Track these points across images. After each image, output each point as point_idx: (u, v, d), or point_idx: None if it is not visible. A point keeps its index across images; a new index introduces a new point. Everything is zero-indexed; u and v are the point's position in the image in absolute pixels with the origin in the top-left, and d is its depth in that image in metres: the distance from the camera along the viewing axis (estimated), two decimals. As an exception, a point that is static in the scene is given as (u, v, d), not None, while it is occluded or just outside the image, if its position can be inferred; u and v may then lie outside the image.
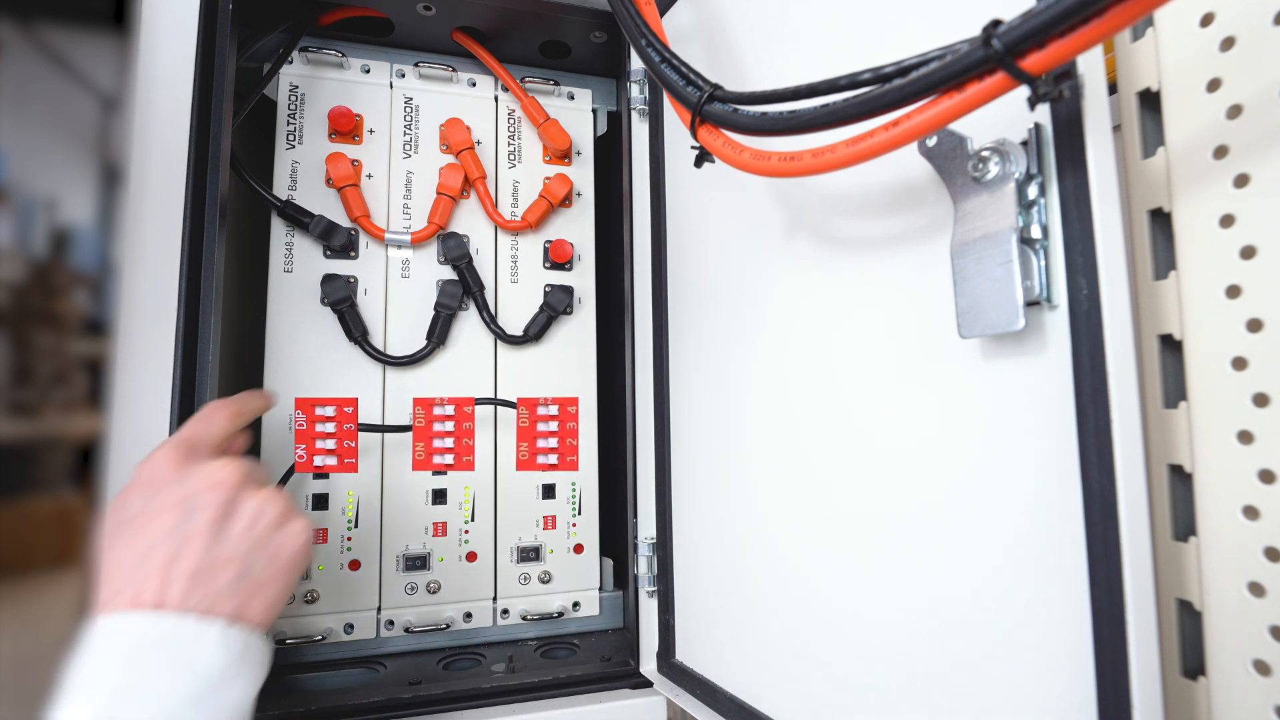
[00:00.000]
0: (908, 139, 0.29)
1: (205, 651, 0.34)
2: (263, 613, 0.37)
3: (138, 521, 0.36)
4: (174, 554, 0.35)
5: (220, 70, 0.51)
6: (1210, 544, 0.33)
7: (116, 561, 0.35)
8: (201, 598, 0.35)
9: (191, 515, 0.36)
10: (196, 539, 0.36)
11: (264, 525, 0.38)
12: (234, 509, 0.37)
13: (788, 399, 0.46)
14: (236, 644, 0.35)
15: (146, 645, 0.33)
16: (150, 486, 0.37)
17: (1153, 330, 0.36)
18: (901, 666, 0.37)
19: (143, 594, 0.34)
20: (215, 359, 0.49)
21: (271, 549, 0.38)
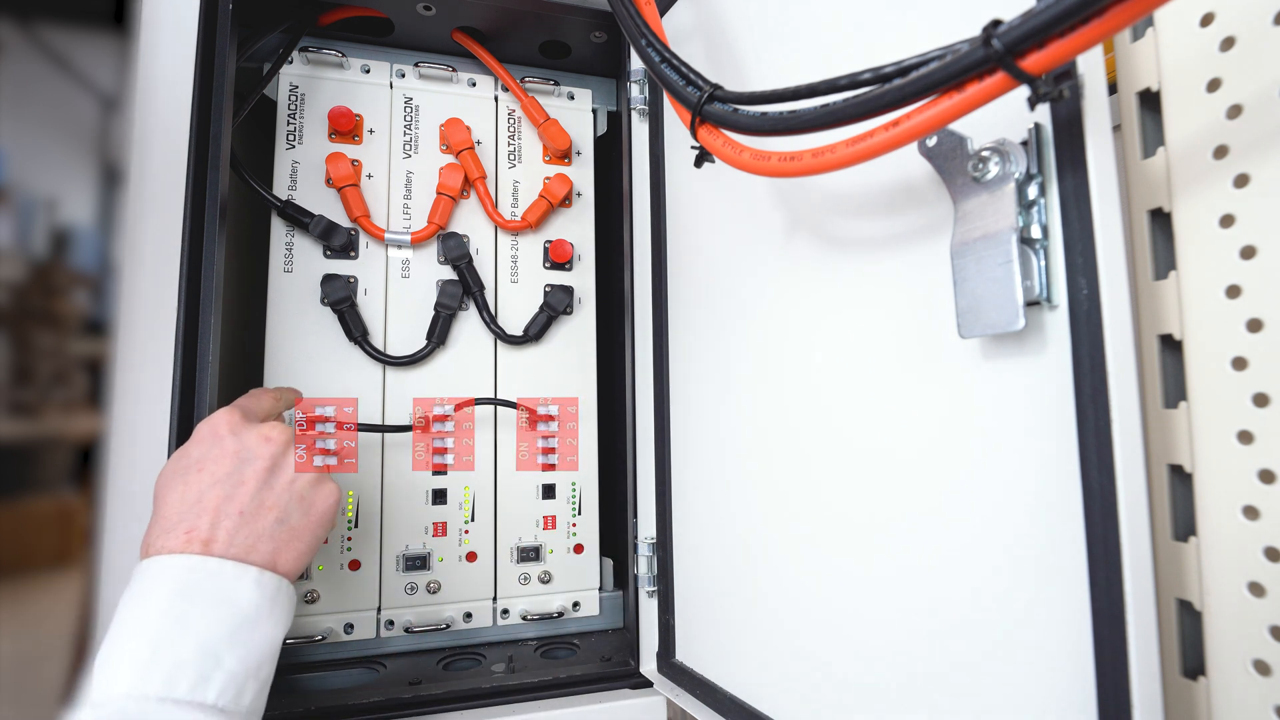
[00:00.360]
0: (908, 139, 0.29)
1: (243, 591, 0.38)
2: (293, 561, 0.41)
3: (196, 467, 0.40)
4: (228, 495, 0.40)
5: (220, 70, 0.51)
6: (1210, 544, 0.33)
7: (173, 502, 0.39)
8: (246, 536, 0.39)
9: (246, 463, 0.41)
10: (248, 483, 0.40)
11: (303, 481, 0.43)
12: (281, 463, 0.42)
13: (787, 398, 0.46)
14: (269, 587, 0.39)
15: (193, 582, 0.37)
16: (212, 437, 0.42)
17: (1153, 330, 0.36)
18: (901, 665, 0.37)
19: (196, 529, 0.38)
20: (215, 359, 0.49)
21: (307, 502, 0.42)
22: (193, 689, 0.34)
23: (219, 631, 0.36)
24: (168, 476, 0.41)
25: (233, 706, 0.36)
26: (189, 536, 0.38)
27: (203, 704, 0.34)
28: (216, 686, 0.35)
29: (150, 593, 0.36)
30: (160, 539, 0.38)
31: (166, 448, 0.46)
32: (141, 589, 0.37)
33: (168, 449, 0.46)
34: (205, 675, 0.35)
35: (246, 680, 0.37)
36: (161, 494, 0.40)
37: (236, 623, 0.37)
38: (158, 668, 0.34)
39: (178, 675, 0.34)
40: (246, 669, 0.37)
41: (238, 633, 0.37)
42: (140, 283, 0.48)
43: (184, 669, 0.34)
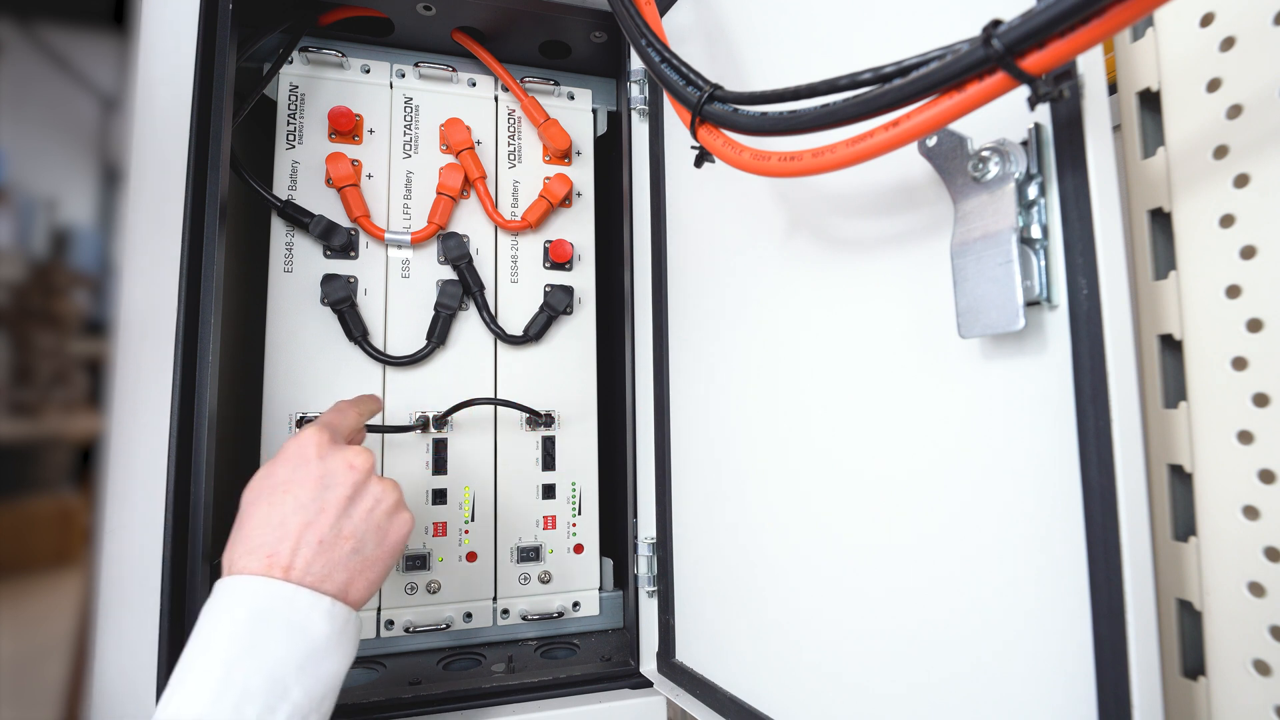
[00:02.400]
0: (908, 139, 0.29)
1: (315, 622, 0.38)
2: (363, 590, 0.41)
3: (281, 489, 0.41)
4: (309, 522, 0.40)
5: (220, 70, 0.51)
6: (1210, 544, 0.33)
7: (257, 521, 0.40)
8: (322, 564, 0.39)
9: (328, 490, 0.41)
10: (330, 511, 0.41)
11: (381, 511, 0.43)
12: (362, 491, 0.42)
13: (787, 397, 0.46)
14: (339, 619, 0.39)
15: (270, 608, 0.37)
16: (299, 459, 0.42)
17: (1153, 330, 0.36)
18: (901, 662, 0.37)
19: (277, 554, 0.39)
20: (215, 359, 0.49)
21: (382, 532, 0.42)
22: (259, 717, 0.35)
23: (290, 661, 0.37)
24: (254, 494, 0.41)
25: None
26: (270, 561, 0.39)
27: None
28: (282, 717, 0.36)
29: (227, 614, 0.37)
30: (243, 558, 0.39)
31: (166, 448, 0.46)
32: (220, 608, 0.37)
33: (168, 449, 0.46)
34: (272, 706, 0.35)
35: (310, 713, 0.37)
36: (247, 510, 0.41)
37: (306, 653, 0.37)
38: (229, 693, 0.35)
39: (246, 702, 0.35)
40: (311, 701, 0.37)
41: (306, 663, 0.37)
42: (140, 283, 0.48)
43: (252, 699, 0.35)
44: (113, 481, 0.46)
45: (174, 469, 0.46)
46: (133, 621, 0.45)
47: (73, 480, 1.48)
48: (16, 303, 1.45)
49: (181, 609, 0.46)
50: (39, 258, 1.53)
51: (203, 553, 0.47)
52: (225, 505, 0.46)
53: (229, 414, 0.60)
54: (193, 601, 0.47)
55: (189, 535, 0.47)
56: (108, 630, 0.45)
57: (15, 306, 1.45)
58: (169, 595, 0.45)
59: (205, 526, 0.47)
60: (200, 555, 0.47)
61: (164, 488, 0.46)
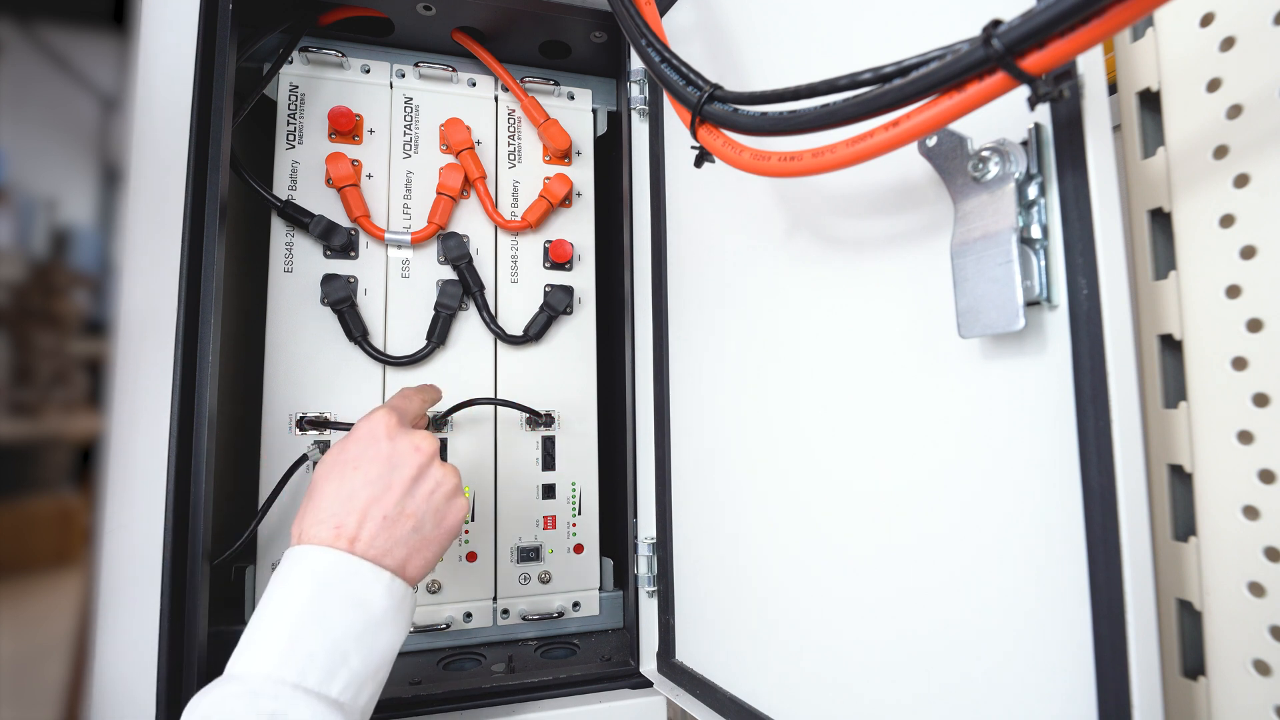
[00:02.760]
0: (908, 139, 0.29)
1: (376, 595, 0.40)
2: (420, 568, 0.43)
3: (351, 465, 0.43)
4: (375, 497, 0.42)
5: (220, 70, 0.51)
6: (1210, 544, 0.33)
7: (328, 494, 0.42)
8: (385, 539, 0.41)
9: (396, 469, 0.43)
10: (395, 489, 0.42)
11: (442, 493, 0.44)
12: (425, 473, 0.44)
13: (786, 399, 0.46)
14: (398, 594, 0.41)
15: (335, 578, 0.39)
16: (370, 438, 0.44)
17: (1153, 330, 0.36)
18: (901, 661, 0.37)
19: (344, 525, 0.41)
20: (215, 359, 0.49)
21: (440, 514, 0.44)
22: (321, 682, 0.37)
23: (350, 630, 0.38)
24: (327, 466, 0.43)
25: (351, 704, 0.38)
26: (338, 531, 0.40)
27: (327, 697, 0.37)
28: (340, 682, 0.37)
29: (296, 581, 0.39)
30: (313, 528, 0.41)
31: (166, 448, 0.46)
32: (289, 575, 0.39)
33: (168, 449, 0.46)
34: (332, 671, 0.37)
35: (366, 680, 0.39)
36: (319, 483, 0.43)
37: (365, 624, 0.39)
38: (294, 656, 0.37)
39: (309, 667, 0.37)
40: (368, 669, 0.39)
41: (364, 634, 0.39)
42: (140, 283, 0.48)
43: (315, 661, 0.37)
44: (113, 481, 0.46)
45: (174, 469, 0.46)
46: (133, 621, 0.45)
47: (73, 480, 1.48)
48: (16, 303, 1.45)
49: (181, 609, 0.46)
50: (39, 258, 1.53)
51: (203, 553, 0.47)
52: (225, 505, 0.46)
53: (229, 414, 0.60)
54: (193, 601, 0.47)
55: (189, 535, 0.47)
56: (108, 630, 0.45)
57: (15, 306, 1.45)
58: (169, 595, 0.45)
59: (205, 526, 0.47)
60: (200, 555, 0.47)
61: (164, 488, 0.46)
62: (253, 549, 0.58)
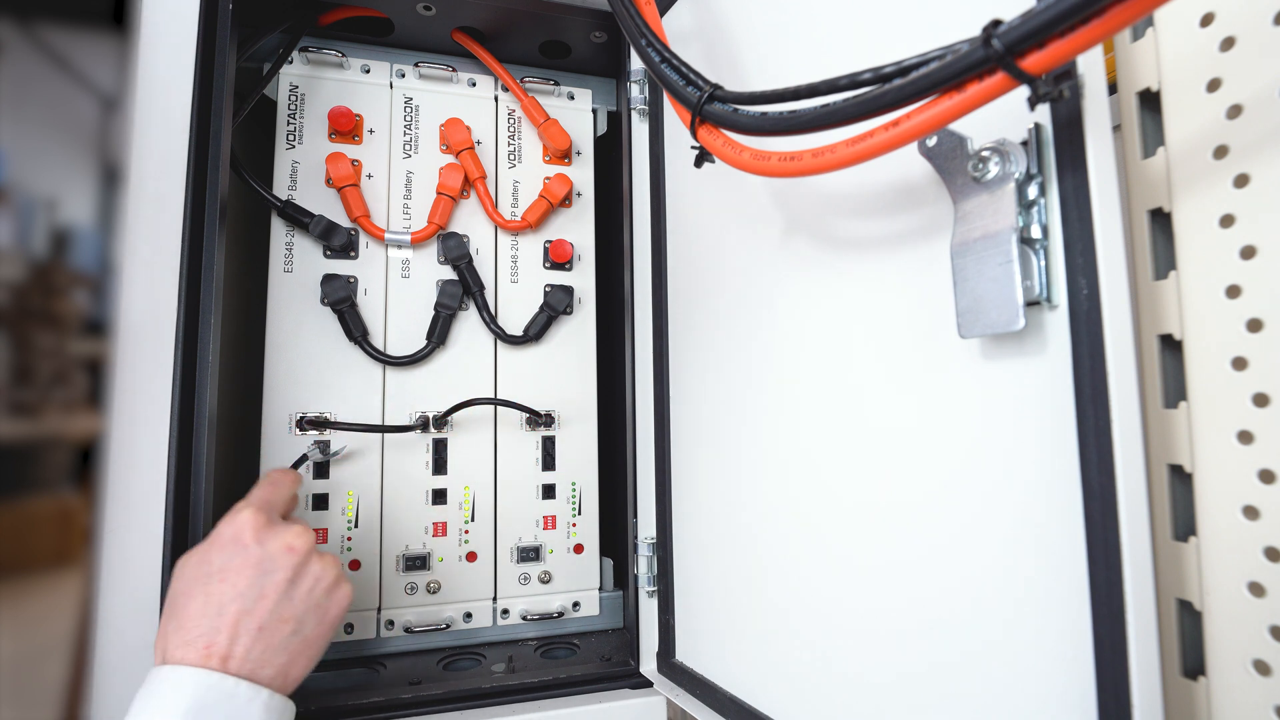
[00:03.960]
0: (908, 139, 0.29)
1: (254, 714, 0.38)
2: (302, 669, 0.42)
3: (217, 577, 0.40)
4: (247, 610, 0.40)
5: (220, 70, 0.51)
6: (1210, 544, 0.33)
7: (194, 612, 0.40)
8: (261, 651, 0.40)
9: (268, 575, 0.41)
10: (269, 596, 0.41)
11: (322, 588, 0.43)
12: (303, 572, 0.42)
13: (786, 398, 0.46)
14: (276, 711, 0.39)
15: (209, 702, 0.37)
16: (235, 544, 0.42)
17: (1153, 330, 0.36)
18: (902, 664, 0.37)
19: (215, 644, 0.39)
20: (215, 359, 0.49)
21: (322, 610, 0.43)
22: None
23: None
24: (188, 582, 0.41)
25: None
26: (208, 651, 0.38)
27: None
28: None
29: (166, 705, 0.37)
30: (179, 650, 0.39)
31: (166, 448, 0.46)
32: (157, 699, 0.37)
33: (168, 449, 0.46)
34: None
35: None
36: (181, 599, 0.40)
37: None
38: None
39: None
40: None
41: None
42: (140, 283, 0.48)
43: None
44: (113, 481, 0.46)
45: (174, 469, 0.46)
46: (133, 621, 0.45)
47: (73, 480, 1.48)
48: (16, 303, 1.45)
49: (181, 609, 0.46)
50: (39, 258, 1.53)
51: (203, 553, 0.47)
52: (225, 505, 0.46)
53: (229, 414, 0.60)
54: (193, 601, 0.47)
55: (189, 535, 0.47)
56: (108, 630, 0.45)
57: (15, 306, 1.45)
58: (169, 595, 0.45)
59: (205, 527, 0.47)
60: (200, 555, 0.47)
61: (164, 488, 0.46)
62: (253, 549, 0.58)
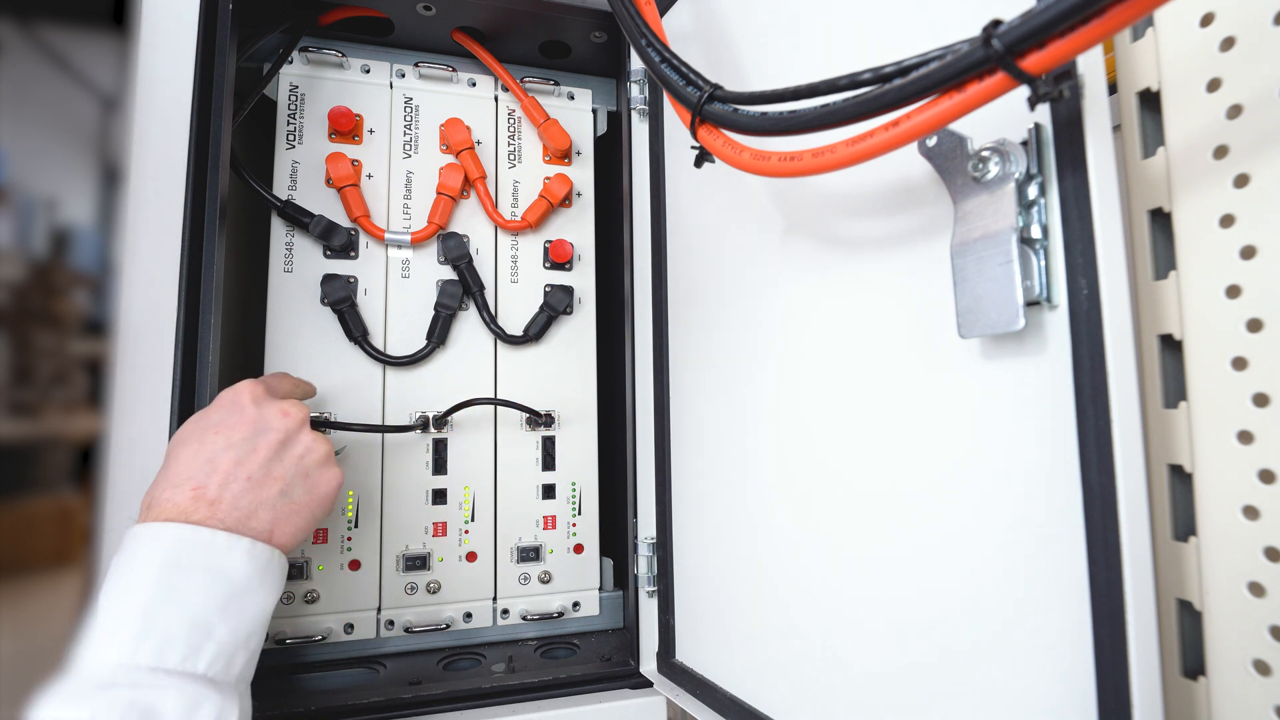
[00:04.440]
0: (908, 139, 0.29)
1: (235, 563, 0.38)
2: (289, 534, 0.42)
3: (213, 429, 0.41)
4: (239, 460, 0.41)
5: (220, 70, 0.51)
6: (1210, 544, 0.33)
7: (185, 459, 0.40)
8: (249, 502, 0.40)
9: (261, 433, 0.42)
10: (260, 452, 0.41)
11: (311, 460, 0.43)
12: (294, 438, 0.43)
13: (786, 398, 0.46)
14: (261, 558, 0.39)
15: (185, 553, 0.37)
16: (233, 405, 0.43)
17: (1153, 330, 0.36)
18: (902, 665, 0.37)
19: (205, 487, 0.39)
20: (215, 359, 0.49)
21: (311, 480, 0.43)
22: (183, 660, 0.35)
23: (211, 603, 0.37)
24: (184, 435, 0.42)
25: (222, 676, 0.36)
26: (196, 494, 0.39)
27: (193, 674, 0.35)
28: (207, 657, 0.36)
29: (142, 560, 0.37)
30: (167, 492, 0.39)
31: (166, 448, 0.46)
32: (133, 556, 0.37)
33: (168, 449, 0.46)
34: (196, 646, 0.36)
35: (236, 650, 0.37)
36: (174, 451, 0.41)
37: (228, 594, 0.37)
38: (149, 638, 0.35)
39: (168, 647, 0.35)
40: (237, 639, 0.37)
41: (229, 604, 0.37)
42: (140, 283, 0.48)
43: (175, 640, 0.35)
44: (113, 481, 0.46)
45: (174, 469, 0.46)
46: (133, 621, 0.45)
47: (73, 480, 1.48)
48: (16, 303, 1.45)
49: (181, 609, 0.46)
50: (39, 258, 1.53)
51: (203, 553, 0.47)
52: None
53: (229, 414, 0.60)
54: (193, 601, 0.47)
55: (189, 535, 0.47)
56: (108, 630, 0.45)
57: (15, 306, 1.45)
58: (169, 595, 0.45)
59: (205, 526, 0.47)
60: (200, 555, 0.47)
61: (164, 488, 0.46)
62: (253, 549, 0.58)
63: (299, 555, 0.59)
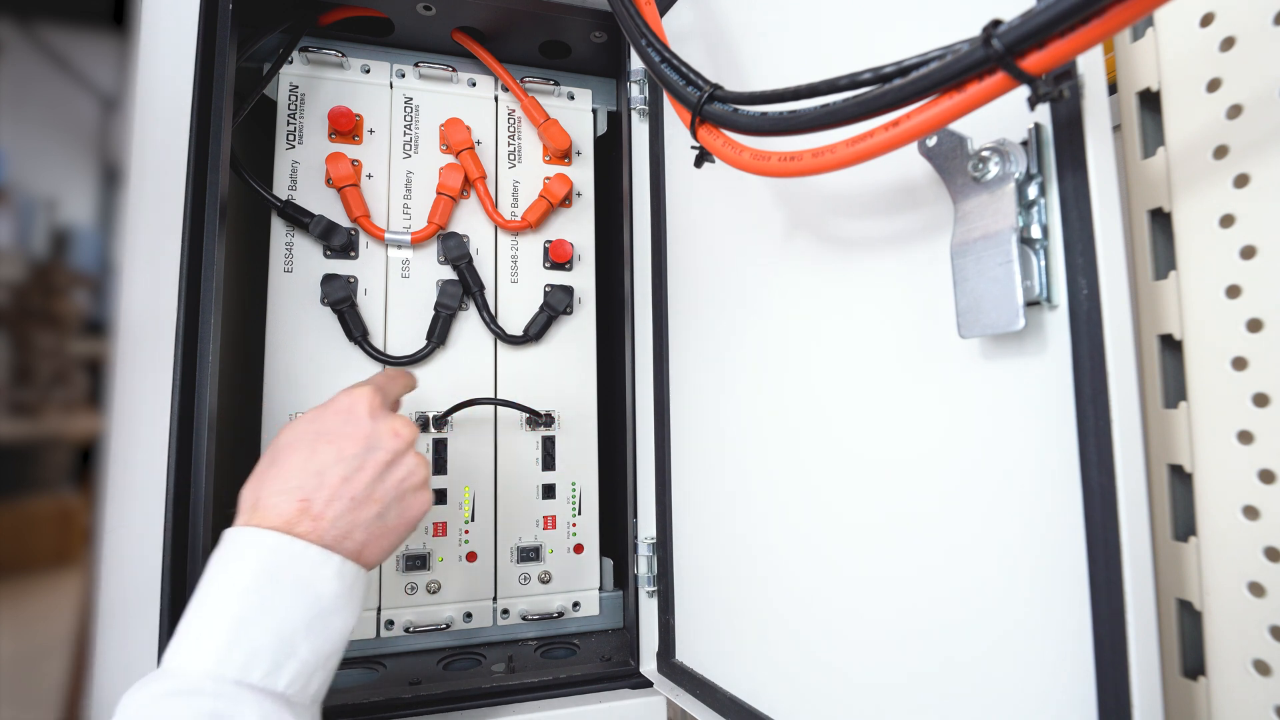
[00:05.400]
0: (908, 139, 0.29)
1: (325, 580, 0.38)
2: (376, 555, 0.42)
3: (326, 439, 0.41)
4: (346, 477, 0.40)
5: (220, 70, 0.51)
6: (1210, 544, 0.33)
7: (297, 463, 0.40)
8: (348, 522, 0.40)
9: (372, 450, 0.42)
10: (368, 471, 0.41)
11: (411, 483, 0.43)
12: (400, 460, 0.43)
13: (787, 398, 0.46)
14: (349, 578, 0.39)
15: (279, 564, 0.37)
16: (349, 413, 0.43)
17: (1153, 330, 0.36)
18: (901, 665, 0.37)
19: (311, 501, 0.39)
20: (215, 359, 0.49)
21: (405, 504, 0.43)
22: (265, 676, 0.35)
23: (299, 619, 0.37)
24: (298, 434, 0.42)
25: (299, 696, 0.36)
26: (303, 506, 0.39)
27: (272, 691, 0.35)
28: (288, 675, 0.36)
29: (238, 567, 0.37)
30: (274, 498, 0.39)
31: (166, 448, 0.46)
32: (231, 560, 0.37)
33: (168, 449, 0.46)
34: (279, 663, 0.36)
35: (316, 670, 0.37)
36: (286, 449, 0.41)
37: (315, 611, 0.37)
38: (237, 650, 0.35)
39: (254, 660, 0.35)
40: (318, 659, 0.37)
41: (314, 622, 0.37)
42: (140, 283, 0.48)
43: (260, 655, 0.35)
44: (113, 481, 0.46)
45: (174, 469, 0.46)
46: (133, 621, 0.45)
47: (73, 480, 1.48)
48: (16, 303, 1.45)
49: (181, 609, 0.46)
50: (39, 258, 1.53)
51: (202, 552, 0.47)
52: (225, 505, 0.46)
53: (229, 414, 0.60)
54: (193, 601, 0.47)
55: (189, 535, 0.47)
56: (108, 630, 0.45)
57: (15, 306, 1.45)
58: (169, 595, 0.45)
59: (205, 526, 0.47)
60: (200, 555, 0.47)
61: (164, 488, 0.46)
62: (253, 549, 0.58)
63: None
